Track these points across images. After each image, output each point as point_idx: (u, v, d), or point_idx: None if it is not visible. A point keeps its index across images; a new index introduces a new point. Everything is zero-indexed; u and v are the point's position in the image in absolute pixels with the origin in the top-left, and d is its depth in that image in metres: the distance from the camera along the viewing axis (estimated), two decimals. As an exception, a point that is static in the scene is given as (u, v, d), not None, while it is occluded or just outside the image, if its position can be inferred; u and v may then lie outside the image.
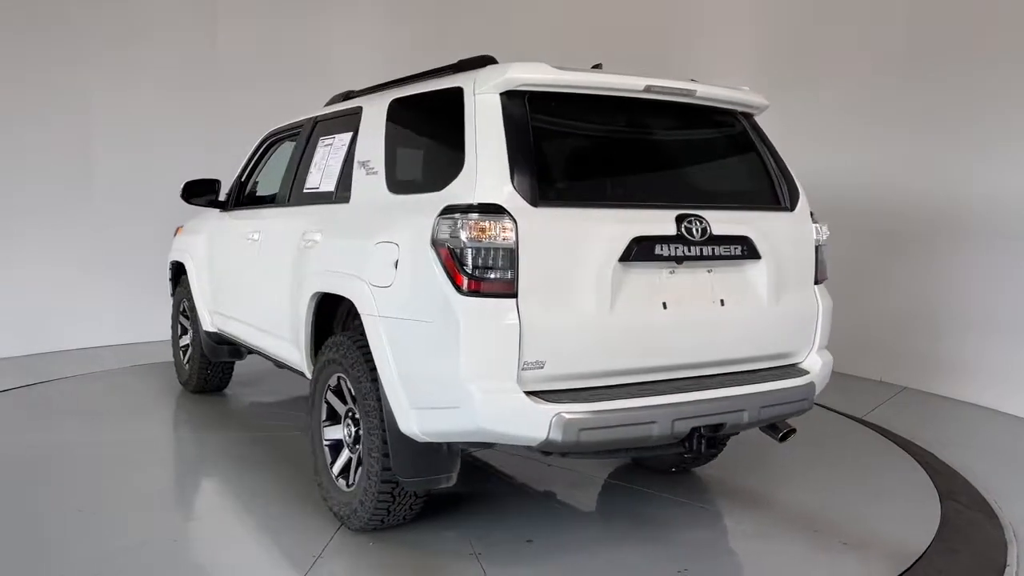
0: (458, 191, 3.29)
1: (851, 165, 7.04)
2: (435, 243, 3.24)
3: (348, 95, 4.82)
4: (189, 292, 6.20)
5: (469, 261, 3.14)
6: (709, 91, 3.72)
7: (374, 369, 3.65)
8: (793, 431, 3.87)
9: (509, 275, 3.14)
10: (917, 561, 3.65)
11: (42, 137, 7.92)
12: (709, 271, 3.56)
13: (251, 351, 5.67)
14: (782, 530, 4.05)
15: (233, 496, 4.40)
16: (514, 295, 3.14)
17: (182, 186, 5.70)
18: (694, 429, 3.38)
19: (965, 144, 6.56)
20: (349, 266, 3.78)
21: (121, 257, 8.17)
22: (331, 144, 4.52)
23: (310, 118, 4.95)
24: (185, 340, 6.58)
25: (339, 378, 3.96)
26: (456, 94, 3.52)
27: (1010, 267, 6.31)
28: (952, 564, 3.71)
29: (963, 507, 4.36)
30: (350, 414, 3.96)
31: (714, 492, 4.54)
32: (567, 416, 3.11)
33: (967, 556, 3.82)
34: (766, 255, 3.66)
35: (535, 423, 3.11)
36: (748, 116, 3.99)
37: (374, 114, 4.12)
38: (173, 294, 6.77)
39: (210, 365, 6.21)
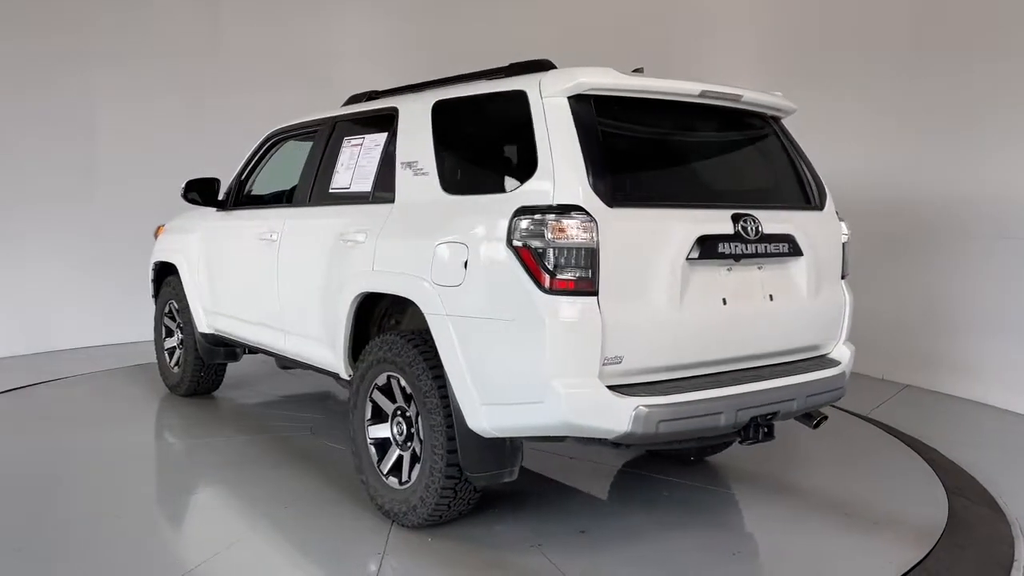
0: (532, 192, 3.37)
1: (853, 165, 7.02)
2: (513, 243, 3.32)
3: (372, 95, 4.83)
4: (179, 293, 6.09)
5: (552, 260, 3.23)
6: (753, 96, 3.90)
7: (435, 367, 3.71)
8: (825, 418, 4.09)
9: (590, 274, 3.24)
10: (926, 556, 3.73)
11: (45, 139, 8.01)
12: (759, 268, 3.75)
13: (255, 352, 5.62)
14: (814, 514, 4.22)
15: (269, 500, 4.33)
16: (595, 293, 3.25)
17: (184, 185, 5.59)
18: (753, 418, 3.55)
19: (969, 143, 6.59)
20: (407, 266, 3.81)
21: (123, 256, 8.06)
22: (361, 144, 4.53)
23: (327, 118, 4.93)
24: (171, 343, 6.44)
25: (389, 377, 3.99)
26: (518, 97, 3.59)
27: (1015, 267, 6.33)
28: (960, 559, 3.79)
29: (970, 503, 4.44)
30: (399, 412, 3.99)
31: (734, 480, 4.73)
32: (647, 409, 3.24)
33: (975, 551, 3.90)
34: (806, 252, 3.87)
35: (617, 416, 3.23)
36: (777, 120, 4.20)
37: (415, 115, 4.16)
38: (156, 296, 6.63)
39: (203, 367, 6.10)
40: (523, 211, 3.33)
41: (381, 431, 4.11)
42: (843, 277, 4.19)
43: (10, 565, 3.59)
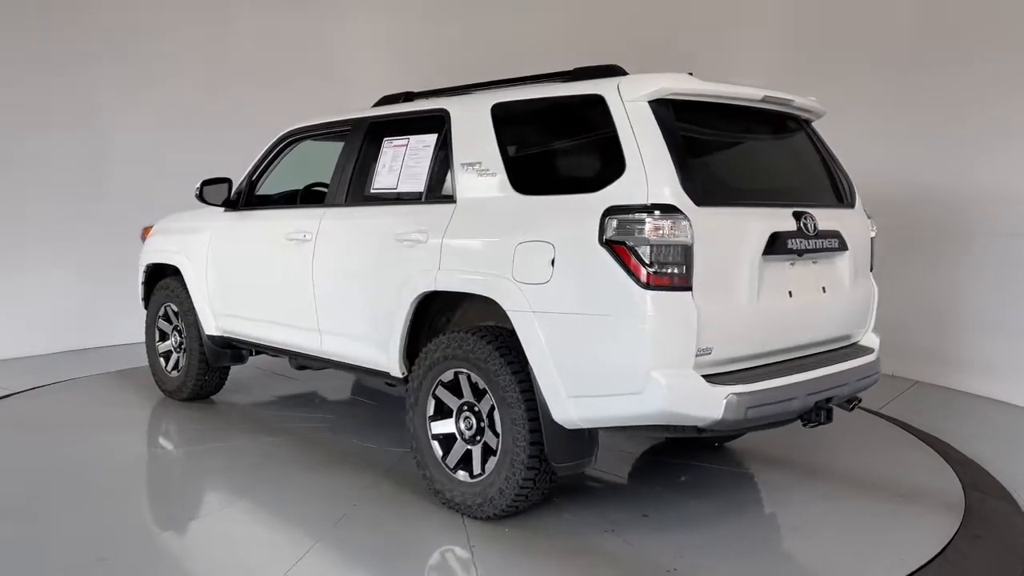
0: (622, 192, 3.52)
1: (861, 163, 6.95)
2: (607, 241, 3.47)
3: (408, 96, 4.88)
4: (180, 295, 5.97)
5: (651, 257, 3.39)
6: (801, 102, 4.17)
7: (513, 362, 3.83)
8: (859, 400, 4.37)
9: (685, 270, 3.42)
10: (945, 547, 3.81)
11: (55, 142, 7.99)
12: (815, 262, 4.02)
13: (261, 353, 5.57)
14: (834, 506, 4.36)
15: (331, 500, 4.32)
16: (690, 288, 3.44)
17: (199, 185, 5.49)
18: (817, 402, 3.81)
19: (977, 140, 6.63)
20: (484, 265, 3.91)
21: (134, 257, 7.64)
22: (405, 145, 4.58)
23: (359, 118, 4.95)
24: (165, 346, 6.30)
25: (457, 373, 4.08)
26: (595, 100, 3.74)
27: (1024, 263, 6.38)
28: (978, 549, 3.87)
29: (985, 496, 4.50)
30: (467, 407, 4.09)
31: (758, 466, 4.99)
32: (736, 396, 3.45)
33: (992, 542, 3.99)
34: (850, 247, 4.16)
35: (711, 404, 3.42)
36: (809, 122, 4.48)
37: (472, 117, 4.25)
38: (145, 298, 6.47)
39: (208, 371, 6.00)
40: (615, 210, 3.48)
41: (445, 427, 4.19)
42: (870, 270, 4.52)
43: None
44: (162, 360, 6.32)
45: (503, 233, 3.87)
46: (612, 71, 3.88)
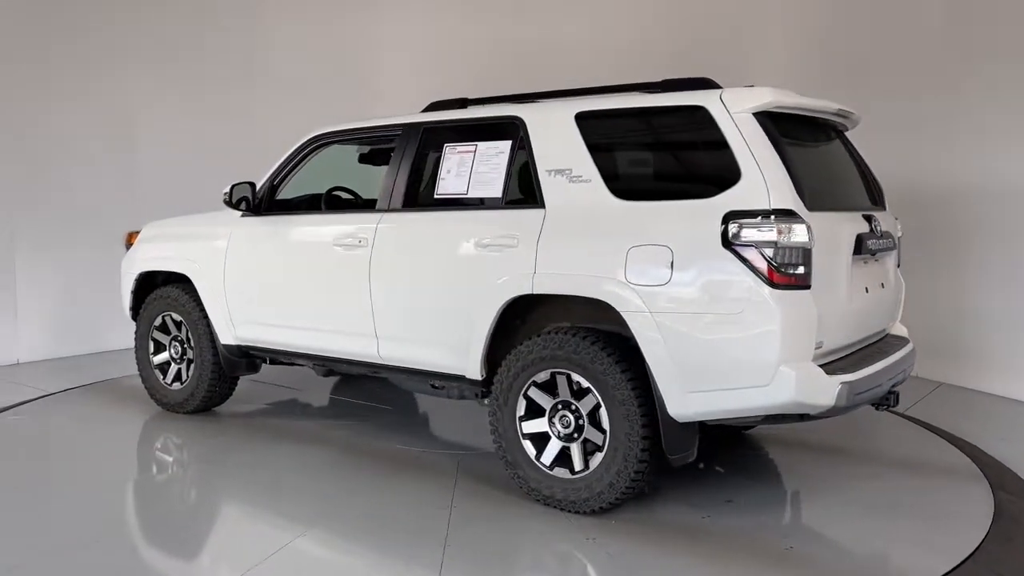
0: (740, 198, 3.76)
1: (887, 162, 6.50)
2: (732, 244, 3.70)
3: (462, 103, 4.93)
4: (184, 304, 5.75)
5: (778, 259, 3.66)
6: (855, 113, 4.55)
7: (619, 361, 4.01)
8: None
9: (805, 270, 3.71)
10: (977, 548, 3.84)
11: (85, 143, 8.05)
12: (878, 260, 4.41)
13: (304, 361, 5.45)
14: (861, 507, 4.40)
15: (425, 505, 4.32)
16: (809, 286, 3.73)
17: (229, 189, 5.31)
18: (892, 387, 4.21)
19: (995, 138, 6.63)
20: (592, 269, 4.04)
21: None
22: (473, 151, 4.64)
23: (411, 123, 4.96)
24: (161, 358, 6.02)
25: (554, 374, 4.20)
26: (697, 111, 3.97)
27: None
28: (1009, 553, 3.88)
29: (1014, 497, 4.52)
30: (562, 407, 4.22)
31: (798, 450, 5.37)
32: (846, 384, 3.77)
33: (1023, 543, 4.01)
34: (896, 246, 4.60)
35: (827, 393, 3.72)
36: (846, 130, 4.87)
37: (555, 125, 4.37)
38: (134, 308, 6.15)
39: (220, 381, 5.80)
40: (738, 215, 3.72)
41: (536, 426, 4.31)
42: (898, 266, 4.98)
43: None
44: (158, 373, 6.04)
45: (611, 238, 4.02)
46: (705, 83, 4.12)
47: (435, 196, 4.74)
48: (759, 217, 3.69)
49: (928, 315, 6.63)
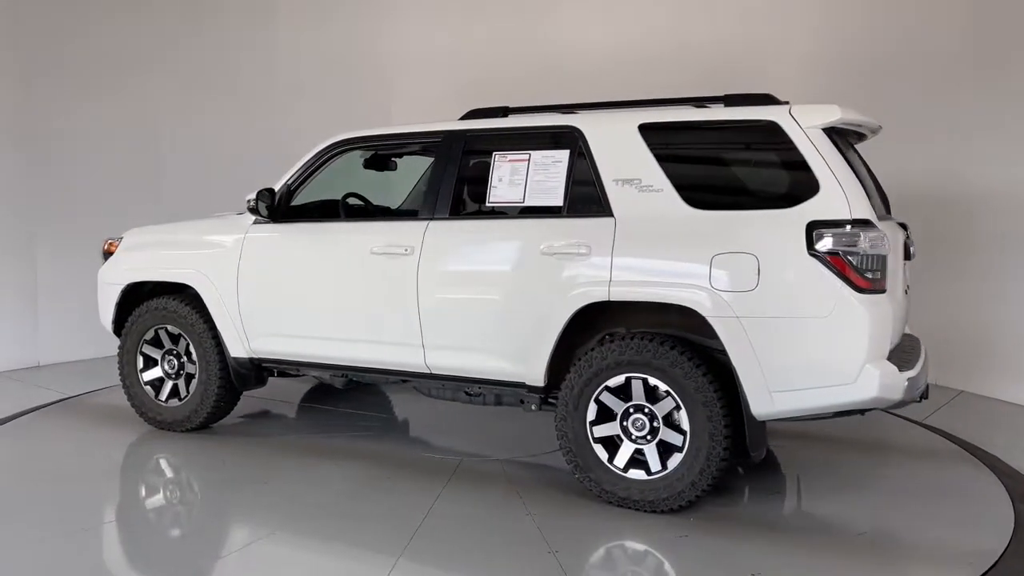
0: (821, 208, 3.99)
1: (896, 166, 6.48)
2: (817, 251, 3.94)
3: (504, 111, 4.95)
4: (186, 316, 5.46)
5: (862, 265, 3.93)
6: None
7: (699, 365, 4.19)
8: None
9: (883, 275, 4.00)
10: (996, 563, 3.81)
11: (107, 148, 8.10)
12: (907, 264, 4.79)
13: (331, 373, 5.30)
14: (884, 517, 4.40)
15: (502, 516, 4.32)
16: (885, 290, 4.03)
17: (256, 195, 5.09)
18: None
19: (1009, 141, 6.65)
20: (675, 276, 4.18)
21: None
22: (527, 160, 4.68)
23: (453, 131, 4.93)
24: (152, 374, 5.68)
25: (629, 378, 4.32)
26: (768, 126, 4.19)
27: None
28: None
29: None
30: (634, 410, 4.35)
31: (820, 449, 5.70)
32: (911, 379, 4.10)
33: None
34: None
35: (898, 387, 4.03)
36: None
37: (618, 136, 4.47)
38: (117, 322, 5.77)
39: (228, 396, 5.53)
40: (822, 224, 3.97)
41: (608, 430, 4.42)
42: None
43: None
44: (149, 389, 5.69)
45: (693, 246, 4.18)
46: (767, 99, 4.36)
47: (487, 204, 4.74)
48: (844, 227, 3.95)
49: (949, 322, 6.72)
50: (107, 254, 5.91)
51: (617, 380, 4.36)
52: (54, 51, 7.77)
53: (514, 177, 4.71)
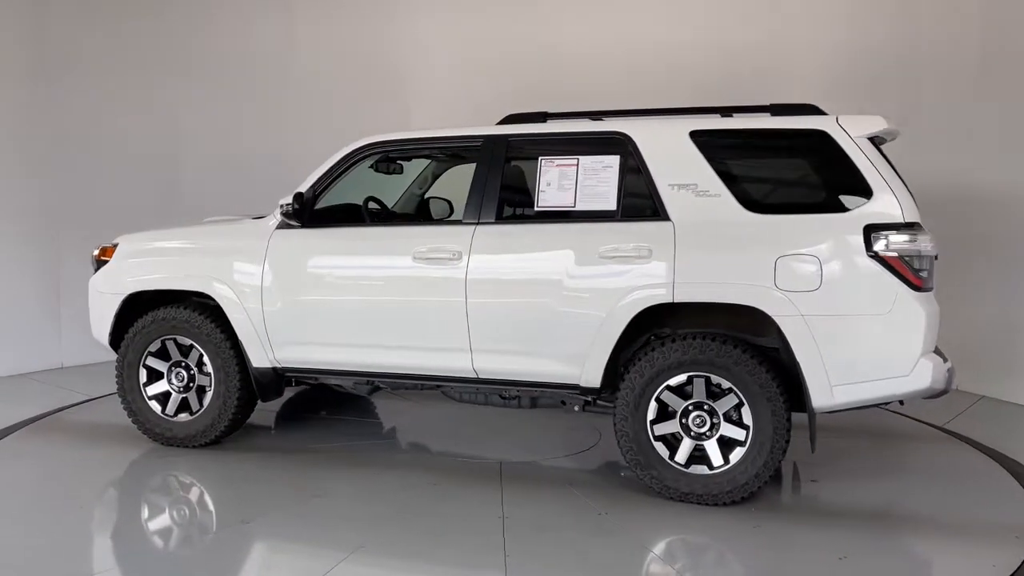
0: (875, 212, 4.26)
1: (934, 174, 6.68)
2: (876, 253, 4.20)
3: (543, 116, 4.99)
4: (201, 326, 5.22)
5: (918, 265, 4.22)
6: None
7: (762, 363, 4.39)
8: None
9: (930, 274, 4.31)
10: (1015, 572, 3.79)
11: (129, 153, 8.21)
12: None
13: (351, 379, 5.20)
14: (907, 524, 4.38)
15: (595, 524, 4.37)
16: (932, 288, 4.33)
17: (292, 199, 4.92)
18: None
19: None
20: (740, 277, 4.35)
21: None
22: (575, 165, 4.75)
23: (494, 135, 4.93)
24: (158, 388, 5.39)
25: (691, 377, 4.47)
26: (817, 134, 4.43)
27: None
28: None
29: None
30: (693, 407, 4.50)
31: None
32: (951, 371, 4.43)
33: None
34: None
35: (943, 377, 4.35)
36: None
37: (669, 142, 4.60)
38: (115, 333, 5.44)
39: (246, 408, 5.32)
40: (879, 227, 4.23)
41: (667, 428, 4.55)
42: None
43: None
44: (155, 404, 5.39)
45: (756, 249, 4.36)
46: (810, 109, 4.60)
47: (536, 208, 4.78)
48: (900, 229, 4.23)
49: (969, 327, 6.62)
50: (99, 262, 5.57)
51: (679, 379, 4.50)
52: (75, 51, 7.88)
53: (563, 182, 4.77)
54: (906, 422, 6.17)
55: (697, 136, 4.61)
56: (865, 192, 4.33)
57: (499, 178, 4.87)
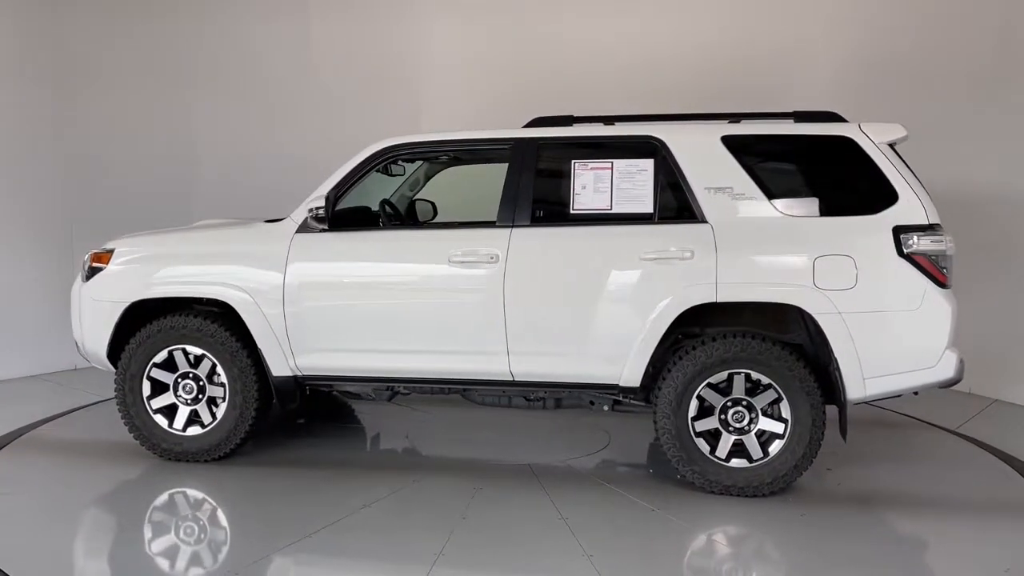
0: (902, 215, 4.53)
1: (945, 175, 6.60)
2: (905, 253, 4.48)
3: (571, 119, 5.04)
4: (215, 335, 5.01)
5: (942, 264, 4.52)
6: None
7: (799, 359, 4.60)
8: None
9: (950, 272, 4.62)
10: None
11: (143, 155, 8.29)
12: None
13: (374, 385, 5.11)
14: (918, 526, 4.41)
15: (629, 521, 4.45)
16: (950, 286, 4.65)
17: (324, 202, 4.77)
18: None
19: None
20: (781, 277, 4.54)
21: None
22: (609, 168, 4.83)
23: (518, 138, 4.95)
24: (164, 400, 5.13)
25: (731, 374, 4.64)
26: (843, 140, 4.67)
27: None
28: None
29: None
30: (732, 403, 4.67)
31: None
32: (961, 360, 4.76)
33: None
34: None
35: (960, 368, 4.68)
36: None
37: (701, 146, 4.75)
38: (113, 344, 5.15)
39: (262, 418, 5.13)
40: (906, 229, 4.51)
41: (708, 424, 4.70)
42: None
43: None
44: (161, 418, 5.12)
45: (795, 250, 4.56)
46: (831, 116, 4.84)
47: (572, 211, 4.83)
48: (926, 230, 4.52)
49: (982, 329, 6.49)
50: (92, 269, 5.23)
51: (719, 376, 4.65)
52: (92, 58, 8.02)
53: (598, 185, 4.84)
54: (917, 424, 6.26)
55: (729, 141, 4.77)
56: (890, 195, 4.60)
57: (532, 181, 4.89)
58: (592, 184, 4.85)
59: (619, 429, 5.96)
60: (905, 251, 4.49)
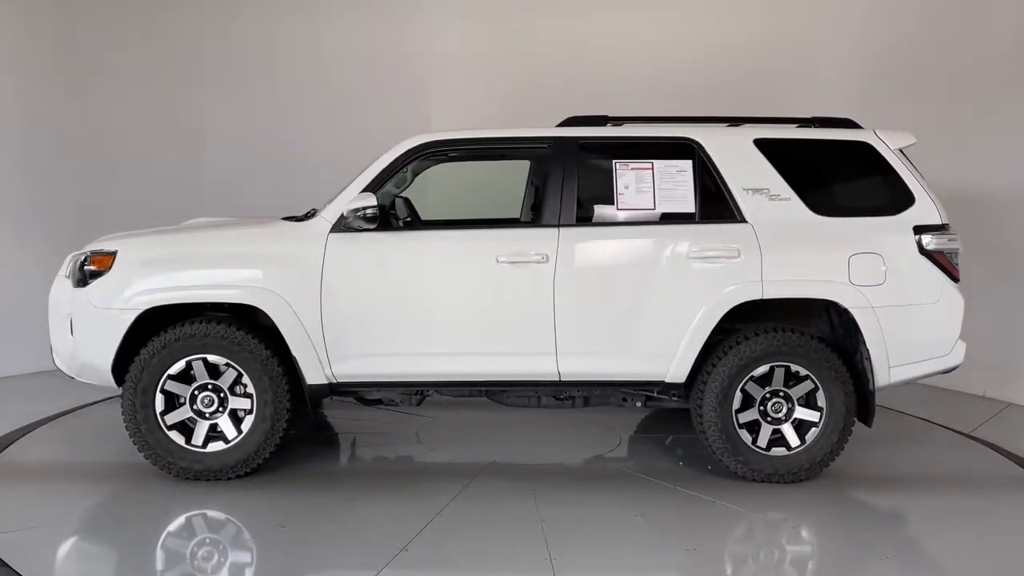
0: (919, 215, 4.91)
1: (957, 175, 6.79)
2: (925, 250, 4.86)
3: (605, 120, 5.08)
4: (242, 342, 4.67)
5: (955, 260, 4.95)
6: None
7: (833, 351, 4.90)
8: None
9: (958, 267, 5.06)
10: None
11: (153, 155, 8.33)
12: None
13: (409, 389, 4.98)
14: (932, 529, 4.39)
15: (693, 519, 4.54)
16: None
17: (376, 203, 4.54)
18: None
19: None
20: (822, 273, 4.79)
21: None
22: (650, 168, 4.91)
23: (557, 137, 4.95)
24: (179, 415, 4.72)
25: (773, 367, 4.86)
26: (862, 146, 5.01)
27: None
28: None
29: None
30: (771, 395, 4.91)
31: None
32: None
33: None
34: None
35: (962, 355, 5.14)
36: None
37: (736, 148, 4.94)
38: (121, 355, 4.67)
39: (287, 428, 4.82)
40: (925, 229, 4.89)
41: (749, 416, 4.91)
42: None
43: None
44: (176, 435, 4.71)
45: (831, 248, 4.83)
46: (847, 123, 5.17)
47: (617, 210, 4.87)
48: (941, 229, 4.92)
49: (995, 331, 6.53)
50: (89, 273, 4.73)
51: (762, 369, 4.86)
52: (103, 58, 8.06)
53: (640, 185, 4.92)
54: (931, 427, 6.30)
55: (761, 144, 4.99)
56: (908, 197, 4.97)
57: (575, 180, 4.90)
58: (634, 184, 4.92)
59: (621, 429, 6.09)
60: (925, 248, 4.87)
